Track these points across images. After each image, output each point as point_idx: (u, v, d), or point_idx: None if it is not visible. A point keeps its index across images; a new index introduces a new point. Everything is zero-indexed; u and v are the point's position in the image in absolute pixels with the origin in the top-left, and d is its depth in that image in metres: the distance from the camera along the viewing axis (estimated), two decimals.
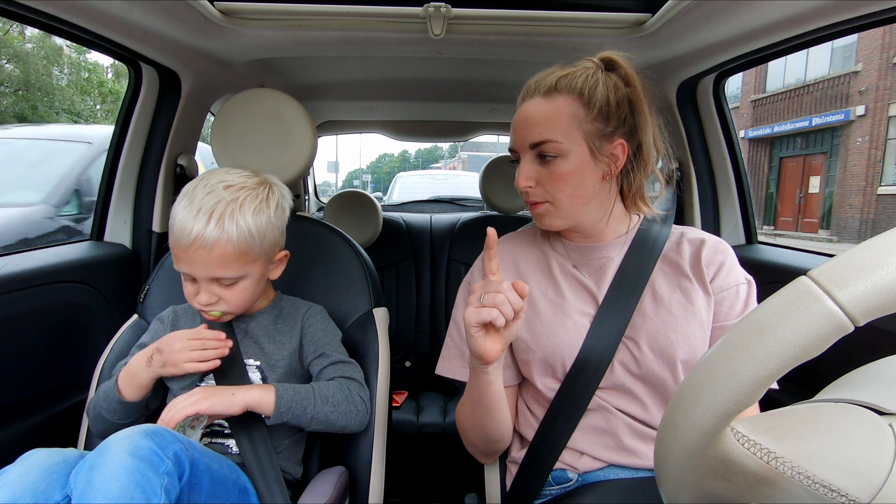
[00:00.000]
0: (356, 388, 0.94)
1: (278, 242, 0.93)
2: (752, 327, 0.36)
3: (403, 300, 2.08)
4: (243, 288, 0.88)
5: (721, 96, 1.46)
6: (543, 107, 0.80)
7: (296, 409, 0.85)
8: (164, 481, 0.64)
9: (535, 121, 0.80)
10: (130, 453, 0.63)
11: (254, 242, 0.85)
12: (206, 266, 0.83)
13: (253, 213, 0.85)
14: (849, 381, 0.44)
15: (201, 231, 0.81)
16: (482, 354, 0.70)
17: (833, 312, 0.33)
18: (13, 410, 1.05)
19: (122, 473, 0.61)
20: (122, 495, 0.60)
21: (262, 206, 0.88)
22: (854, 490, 0.34)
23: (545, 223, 0.84)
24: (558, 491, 0.83)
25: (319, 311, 1.02)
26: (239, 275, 0.86)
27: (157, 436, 0.67)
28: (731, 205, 1.51)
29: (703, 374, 0.38)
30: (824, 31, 0.99)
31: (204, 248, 0.81)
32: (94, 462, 0.64)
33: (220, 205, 0.83)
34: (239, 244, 0.83)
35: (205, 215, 0.82)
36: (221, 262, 0.83)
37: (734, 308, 0.82)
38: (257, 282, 0.91)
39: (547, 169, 0.80)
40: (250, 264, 0.87)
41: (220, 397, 0.80)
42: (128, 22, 1.03)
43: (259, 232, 0.86)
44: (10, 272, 1.05)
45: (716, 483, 0.39)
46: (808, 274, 0.34)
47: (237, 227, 0.83)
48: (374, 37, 1.22)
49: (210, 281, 0.86)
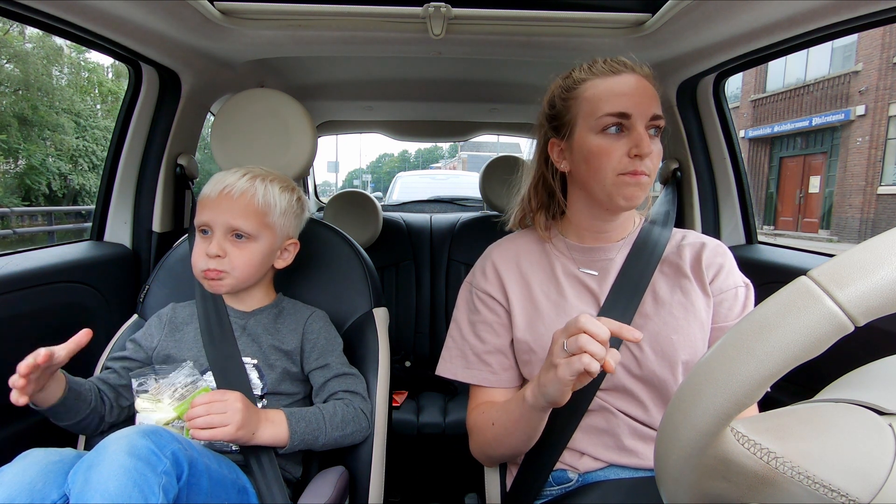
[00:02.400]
0: (360, 403, 0.95)
1: (292, 228, 1.00)
2: (752, 327, 0.36)
3: (403, 300, 2.08)
4: (251, 251, 0.92)
5: (721, 96, 1.46)
6: (651, 87, 0.81)
7: (308, 440, 0.88)
8: (163, 480, 0.63)
9: (652, 95, 0.80)
10: (128, 452, 0.63)
11: (274, 210, 0.94)
12: (228, 212, 0.91)
13: (280, 189, 0.97)
14: (848, 382, 0.44)
15: (234, 182, 0.93)
16: (559, 401, 0.68)
17: (833, 312, 0.32)
18: (13, 410, 1.05)
19: (119, 473, 0.61)
20: (120, 495, 0.60)
21: (288, 189, 0.99)
22: (854, 490, 0.34)
23: (638, 195, 0.80)
24: (559, 491, 0.83)
25: (322, 317, 1.02)
26: (253, 231, 0.92)
27: (155, 435, 0.67)
28: (731, 205, 1.51)
29: (702, 374, 0.38)
30: (824, 31, 0.99)
31: (231, 196, 0.91)
32: (92, 461, 0.64)
33: (255, 171, 0.97)
34: (262, 202, 0.93)
35: (240, 173, 0.95)
36: (243, 211, 0.91)
37: (732, 310, 0.82)
38: (264, 254, 0.94)
39: (655, 145, 0.80)
40: (265, 228, 0.94)
41: (246, 427, 0.79)
42: (128, 22, 1.03)
43: (280, 206, 0.95)
44: (10, 272, 1.05)
45: (716, 483, 0.39)
46: (808, 274, 0.34)
47: (265, 188, 0.94)
48: (375, 37, 1.22)
49: (225, 232, 0.91)
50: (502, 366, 0.88)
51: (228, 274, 0.91)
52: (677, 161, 1.54)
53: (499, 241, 0.96)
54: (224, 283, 0.92)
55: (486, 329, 0.88)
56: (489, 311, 0.89)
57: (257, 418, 0.83)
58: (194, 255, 0.93)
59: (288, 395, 0.96)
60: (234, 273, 0.91)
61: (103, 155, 1.39)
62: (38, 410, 0.82)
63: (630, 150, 0.77)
